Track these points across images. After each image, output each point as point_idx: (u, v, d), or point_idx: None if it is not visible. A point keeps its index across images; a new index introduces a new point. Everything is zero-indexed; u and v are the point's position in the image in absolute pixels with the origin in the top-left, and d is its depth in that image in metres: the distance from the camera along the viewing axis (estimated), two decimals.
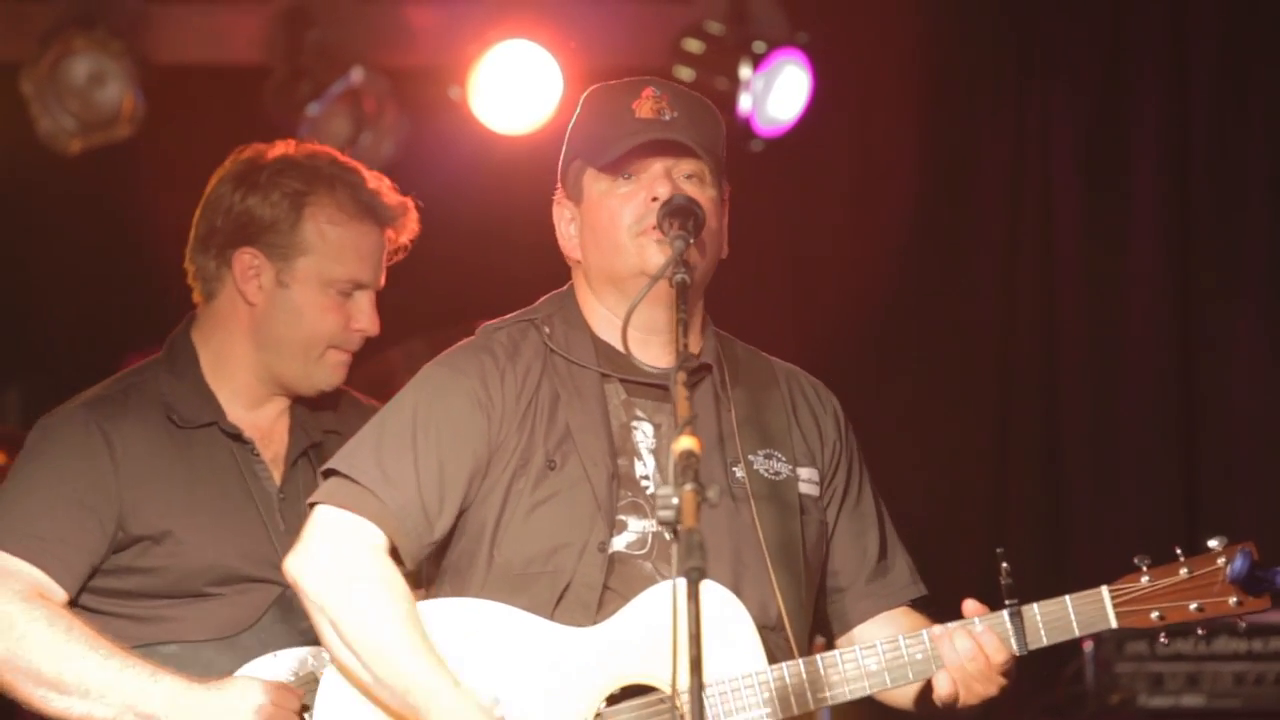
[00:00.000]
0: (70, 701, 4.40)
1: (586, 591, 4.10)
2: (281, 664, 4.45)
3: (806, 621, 4.23)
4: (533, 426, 4.17)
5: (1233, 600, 4.05)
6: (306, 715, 4.33)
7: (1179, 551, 4.07)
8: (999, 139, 7.34)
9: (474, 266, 7.52)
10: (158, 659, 4.40)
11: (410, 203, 4.71)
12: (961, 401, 7.27)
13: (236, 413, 4.63)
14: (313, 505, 4.18)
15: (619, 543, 4.13)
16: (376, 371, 5.40)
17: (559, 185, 4.32)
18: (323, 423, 4.71)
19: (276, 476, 4.63)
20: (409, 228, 4.71)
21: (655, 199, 4.14)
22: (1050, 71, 7.32)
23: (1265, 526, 6.78)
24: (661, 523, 3.53)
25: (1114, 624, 4.07)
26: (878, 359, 7.25)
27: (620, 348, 4.16)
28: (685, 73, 7.36)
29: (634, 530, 4.16)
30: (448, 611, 4.14)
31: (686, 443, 3.58)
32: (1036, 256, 7.28)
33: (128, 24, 7.46)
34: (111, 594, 4.49)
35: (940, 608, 4.18)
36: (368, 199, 4.68)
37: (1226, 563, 4.03)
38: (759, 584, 4.14)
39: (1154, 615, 4.08)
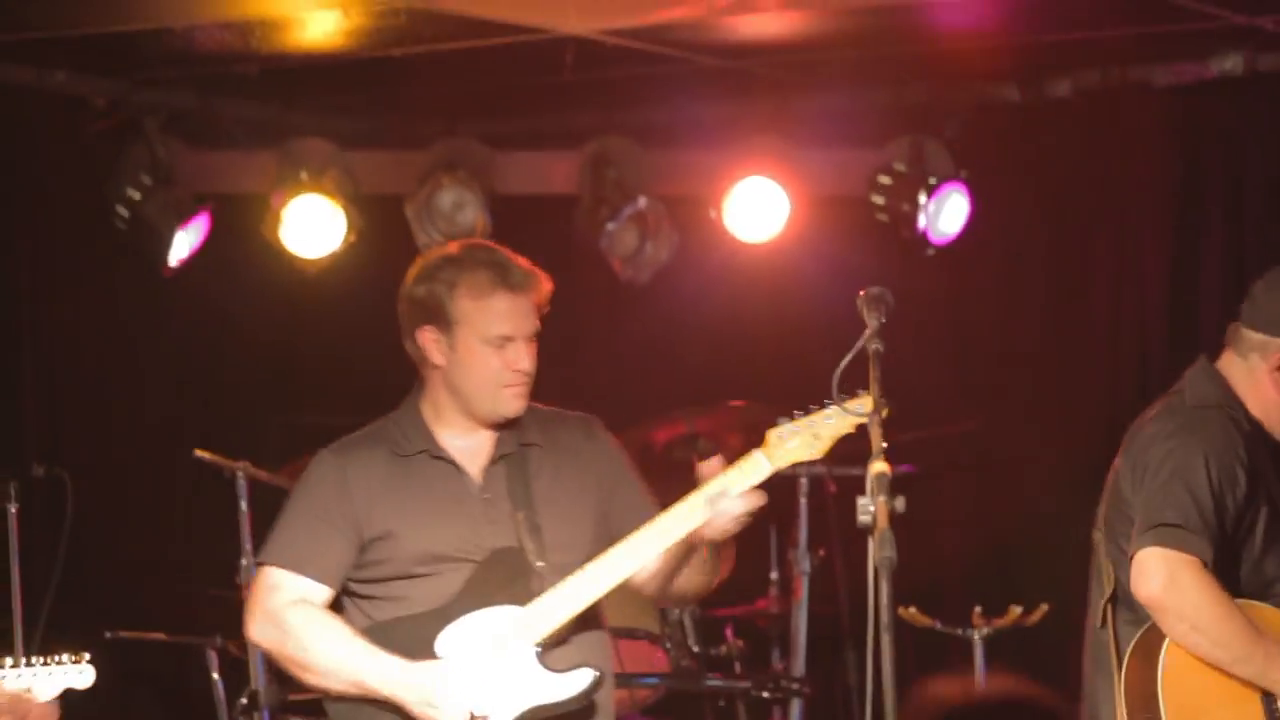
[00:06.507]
0: (316, 678, 5.08)
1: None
2: (470, 626, 5.02)
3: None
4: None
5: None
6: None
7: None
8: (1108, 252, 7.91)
9: (728, 349, 8.21)
10: (385, 634, 5.05)
11: (536, 270, 5.12)
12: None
13: (447, 442, 5.15)
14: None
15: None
16: (637, 439, 6.33)
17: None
18: (520, 437, 5.16)
19: (479, 481, 5.16)
20: (540, 289, 5.11)
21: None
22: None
23: None
24: (862, 526, 3.95)
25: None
26: (1023, 405, 7.83)
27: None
28: (878, 199, 8.04)
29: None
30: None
31: (880, 466, 4.05)
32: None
33: (480, 166, 8.29)
34: (363, 581, 5.13)
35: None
36: (499, 274, 5.08)
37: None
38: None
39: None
